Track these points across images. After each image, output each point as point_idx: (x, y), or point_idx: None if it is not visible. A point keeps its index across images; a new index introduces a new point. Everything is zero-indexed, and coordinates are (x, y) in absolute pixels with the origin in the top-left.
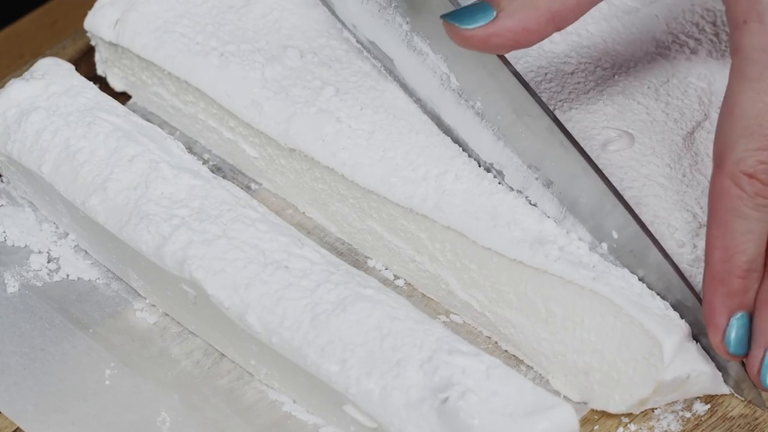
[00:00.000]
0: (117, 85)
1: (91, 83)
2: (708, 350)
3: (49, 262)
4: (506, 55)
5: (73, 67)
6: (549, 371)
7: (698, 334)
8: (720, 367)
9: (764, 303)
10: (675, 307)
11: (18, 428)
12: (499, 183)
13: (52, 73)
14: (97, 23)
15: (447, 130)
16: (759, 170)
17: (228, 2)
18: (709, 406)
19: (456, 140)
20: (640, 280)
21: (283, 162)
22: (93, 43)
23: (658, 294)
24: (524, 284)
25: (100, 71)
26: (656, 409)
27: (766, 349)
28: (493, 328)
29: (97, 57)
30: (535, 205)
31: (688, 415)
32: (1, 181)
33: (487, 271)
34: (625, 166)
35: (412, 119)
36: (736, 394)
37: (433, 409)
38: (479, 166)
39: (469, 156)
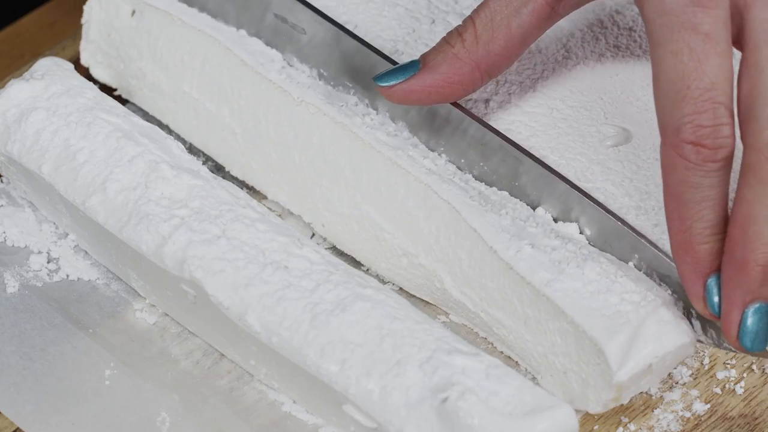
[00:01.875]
0: (101, 76)
1: (91, 83)
2: None
3: (49, 262)
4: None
5: (72, 67)
6: (539, 372)
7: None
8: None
9: (727, 263)
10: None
11: (18, 428)
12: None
13: (52, 73)
14: None
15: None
16: (701, 136)
17: None
18: (709, 406)
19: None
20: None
21: (271, 132)
22: (83, 20)
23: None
24: (503, 281)
25: (83, 60)
26: (656, 408)
27: (743, 310)
28: (487, 329)
29: (82, 45)
30: None
31: (687, 415)
32: (1, 181)
33: (474, 263)
34: (624, 160)
35: None
36: (731, 347)
37: (433, 409)
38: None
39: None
